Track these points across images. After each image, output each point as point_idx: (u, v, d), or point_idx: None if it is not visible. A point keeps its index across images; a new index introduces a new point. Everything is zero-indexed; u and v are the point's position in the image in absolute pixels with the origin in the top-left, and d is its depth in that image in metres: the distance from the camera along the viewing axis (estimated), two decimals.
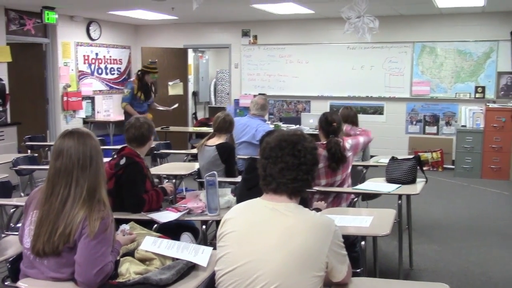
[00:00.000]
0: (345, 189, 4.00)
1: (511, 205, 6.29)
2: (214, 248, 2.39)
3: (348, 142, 4.07)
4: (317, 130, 4.20)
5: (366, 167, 5.20)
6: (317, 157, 2.05)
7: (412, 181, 4.05)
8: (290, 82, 9.55)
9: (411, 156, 4.38)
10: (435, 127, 8.76)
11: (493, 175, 7.81)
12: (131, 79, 8.01)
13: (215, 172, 3.23)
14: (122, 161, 3.42)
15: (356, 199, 4.06)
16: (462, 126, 8.28)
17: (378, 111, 9.05)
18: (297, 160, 1.96)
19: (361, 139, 4.27)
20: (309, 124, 7.73)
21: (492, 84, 8.33)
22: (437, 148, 8.55)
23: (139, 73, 7.73)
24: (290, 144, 1.98)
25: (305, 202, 3.21)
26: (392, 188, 3.92)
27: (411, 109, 8.89)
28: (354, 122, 5.21)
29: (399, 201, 3.94)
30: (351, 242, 3.44)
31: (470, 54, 8.40)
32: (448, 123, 8.67)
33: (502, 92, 8.31)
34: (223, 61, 11.41)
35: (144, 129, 3.54)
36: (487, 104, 8.06)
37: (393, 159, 4.25)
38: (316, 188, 3.91)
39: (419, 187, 3.96)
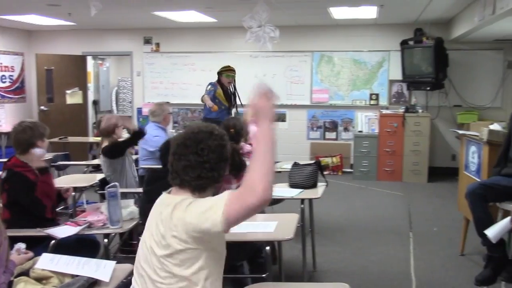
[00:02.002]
0: None
1: (404, 205, 6.70)
2: (118, 262, 2.32)
3: None
4: None
5: None
6: (224, 154, 2.05)
7: (314, 185, 4.19)
8: (194, 90, 9.49)
9: (312, 161, 4.53)
10: (335, 133, 9.16)
11: (388, 177, 8.30)
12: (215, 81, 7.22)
13: (117, 183, 3.13)
14: (3, 175, 3.28)
15: None
16: (359, 131, 8.71)
17: (281, 118, 9.27)
18: (200, 159, 1.97)
19: None
20: None
21: (384, 91, 8.86)
22: (336, 153, 8.93)
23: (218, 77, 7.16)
24: (194, 143, 1.99)
25: None
26: (294, 193, 4.03)
27: (312, 116, 9.21)
28: None
29: (302, 205, 4.05)
30: (258, 248, 3.48)
31: (364, 63, 8.89)
32: (346, 129, 9.09)
33: (394, 99, 8.87)
34: (124, 69, 11.12)
35: (26, 134, 3.35)
36: (381, 110, 8.56)
37: (295, 164, 4.38)
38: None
39: (320, 191, 4.11)
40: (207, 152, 1.99)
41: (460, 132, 5.07)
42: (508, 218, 3.33)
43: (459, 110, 8.50)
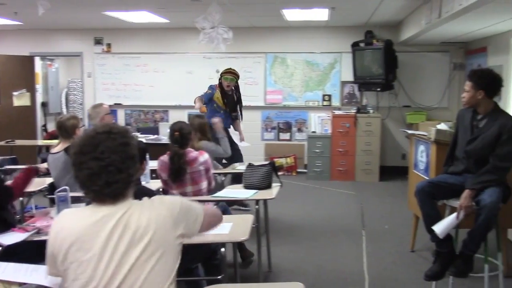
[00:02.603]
0: (203, 197, 4.02)
1: (357, 204, 6.83)
2: None
3: (203, 156, 4.06)
4: None
5: (225, 174, 5.29)
6: (128, 152, 1.87)
7: (268, 186, 4.22)
8: (147, 91, 9.41)
9: (266, 162, 4.55)
10: (288, 134, 9.24)
11: (341, 177, 8.44)
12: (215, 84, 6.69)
13: (67, 187, 3.05)
14: None
15: (215, 206, 4.10)
16: (312, 132, 8.82)
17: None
18: (102, 162, 1.80)
19: (211, 172, 4.18)
20: (167, 134, 7.65)
21: (337, 92, 9.01)
22: (290, 154, 9.02)
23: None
24: (92, 147, 1.83)
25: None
26: (249, 193, 4.04)
27: (266, 117, 9.27)
28: (202, 130, 5.20)
29: (257, 206, 4.06)
30: (213, 250, 3.47)
31: (317, 64, 9.01)
32: (300, 130, 9.19)
33: (346, 100, 9.03)
34: (75, 70, 10.84)
35: None
36: (333, 111, 8.69)
37: (249, 165, 4.39)
38: None
39: (275, 192, 4.13)
40: (108, 154, 1.81)
41: (409, 132, 5.21)
42: (454, 214, 3.45)
43: (408, 111, 8.75)
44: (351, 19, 8.13)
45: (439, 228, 3.45)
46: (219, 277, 3.16)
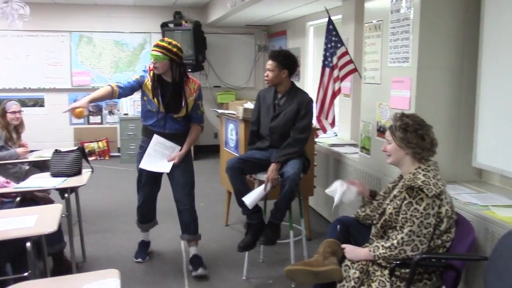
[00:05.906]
0: (6, 189, 3.67)
1: None
2: None
3: None
4: None
5: (29, 163, 4.88)
6: None
7: (78, 172, 4.02)
8: None
9: (75, 148, 4.32)
10: (99, 117, 8.88)
11: None
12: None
13: None
14: None
15: (18, 199, 3.77)
16: (125, 114, 8.61)
17: (39, 103, 8.61)
18: None
19: None
20: None
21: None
22: (102, 137, 8.69)
23: None
24: None
25: None
26: (57, 182, 3.80)
27: (74, 100, 8.74)
28: None
29: (66, 195, 3.84)
30: (21, 247, 3.19)
31: (126, 45, 8.77)
32: (111, 112, 8.89)
33: None
34: None
35: None
36: None
37: (56, 152, 4.13)
38: None
39: (86, 178, 3.95)
40: None
41: (220, 111, 5.40)
42: (262, 186, 3.69)
43: (218, 91, 9.04)
44: None
45: (249, 199, 3.65)
46: (25, 274, 2.92)
